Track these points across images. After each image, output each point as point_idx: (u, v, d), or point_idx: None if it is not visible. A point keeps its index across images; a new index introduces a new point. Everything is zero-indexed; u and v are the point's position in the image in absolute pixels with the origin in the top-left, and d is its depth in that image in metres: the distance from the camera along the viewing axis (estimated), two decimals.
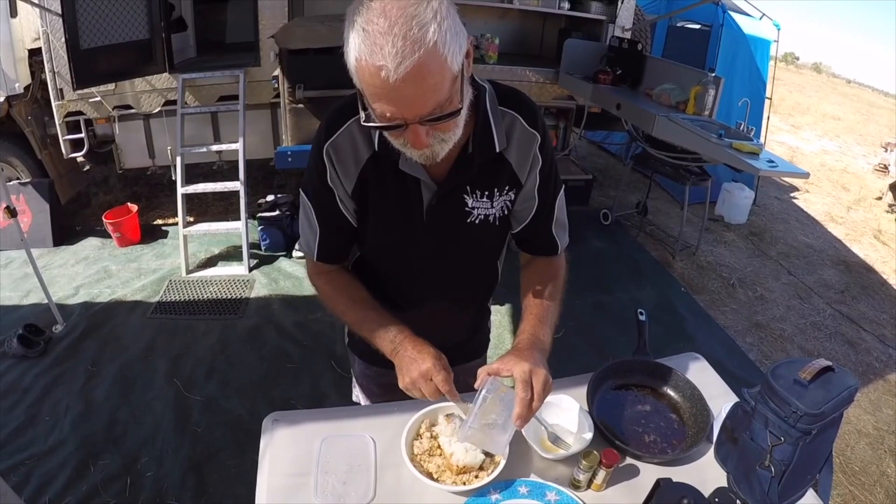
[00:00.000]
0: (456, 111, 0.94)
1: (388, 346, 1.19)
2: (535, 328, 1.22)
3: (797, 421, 1.04)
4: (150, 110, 4.28)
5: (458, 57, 0.90)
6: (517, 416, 1.07)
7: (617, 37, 4.81)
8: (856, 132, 15.35)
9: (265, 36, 4.06)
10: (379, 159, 1.12)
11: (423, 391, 1.13)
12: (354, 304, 1.27)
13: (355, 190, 1.17)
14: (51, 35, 3.83)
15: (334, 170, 1.14)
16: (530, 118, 1.17)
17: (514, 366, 1.10)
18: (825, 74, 54.98)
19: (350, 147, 1.12)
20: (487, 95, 1.12)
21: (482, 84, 1.12)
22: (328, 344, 3.30)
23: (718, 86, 3.82)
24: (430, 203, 1.17)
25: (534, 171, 1.21)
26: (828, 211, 7.14)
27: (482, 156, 1.13)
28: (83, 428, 2.65)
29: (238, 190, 4.05)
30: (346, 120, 1.11)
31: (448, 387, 1.11)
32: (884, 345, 4.11)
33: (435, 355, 1.15)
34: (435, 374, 1.12)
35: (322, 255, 1.28)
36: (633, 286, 4.39)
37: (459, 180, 1.16)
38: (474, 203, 1.19)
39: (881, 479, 2.85)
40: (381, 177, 1.15)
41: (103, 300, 3.62)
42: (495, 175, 1.18)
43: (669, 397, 1.42)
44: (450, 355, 1.50)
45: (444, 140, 0.98)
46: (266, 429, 1.26)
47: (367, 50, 0.84)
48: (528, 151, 1.18)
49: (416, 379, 1.13)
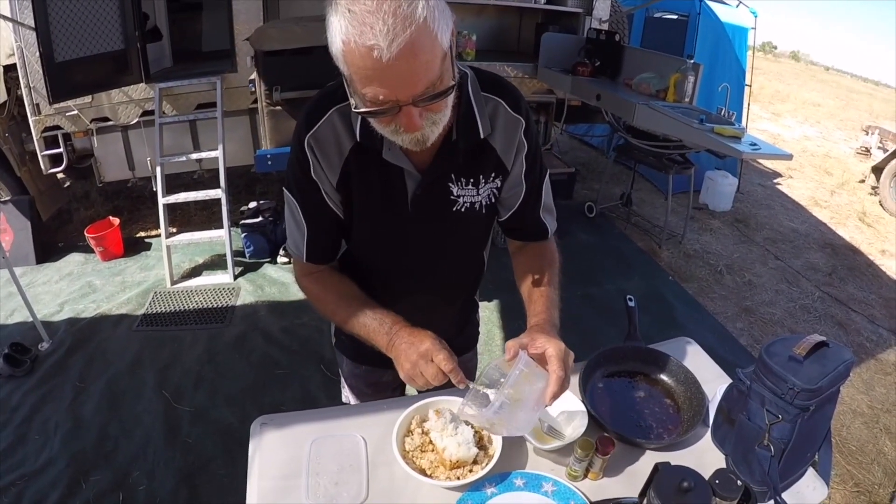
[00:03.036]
0: (448, 89, 0.92)
1: (383, 339, 1.14)
2: (549, 310, 1.20)
3: (794, 397, 1.03)
4: (127, 121, 4.22)
5: (447, 34, 0.89)
6: (552, 395, 1.03)
7: (594, 29, 4.81)
8: (836, 117, 15.52)
9: (240, 41, 4.02)
10: (361, 150, 1.10)
11: (426, 374, 1.05)
12: (345, 302, 1.23)
13: (340, 181, 1.14)
14: (25, 50, 3.75)
15: (317, 162, 1.11)
16: (514, 103, 1.15)
17: (545, 342, 1.07)
18: (804, 62, 55.50)
19: (332, 137, 1.10)
20: (469, 81, 1.11)
21: (464, 70, 1.11)
22: (316, 348, 3.28)
23: (698, 72, 3.83)
24: (415, 192, 1.14)
25: (520, 156, 1.19)
26: (812, 195, 7.20)
27: (466, 142, 1.11)
28: (73, 445, 2.61)
29: (220, 198, 4.01)
30: (327, 110, 1.08)
31: (451, 365, 1.04)
32: (873, 324, 4.14)
33: (433, 336, 1.10)
34: (435, 353, 1.06)
35: (311, 255, 1.24)
36: (621, 277, 4.39)
37: (444, 168, 1.13)
38: (459, 191, 1.17)
39: (878, 457, 2.87)
40: (365, 167, 1.12)
41: (88, 315, 3.57)
42: (480, 162, 1.16)
43: (663, 382, 1.40)
44: None
45: (434, 122, 0.96)
46: (254, 433, 1.23)
47: (356, 31, 0.82)
48: (513, 137, 1.16)
49: (416, 361, 1.06)
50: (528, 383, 1.05)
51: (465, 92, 1.09)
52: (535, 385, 1.05)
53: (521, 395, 1.04)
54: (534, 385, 1.05)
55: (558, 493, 1.10)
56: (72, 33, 3.52)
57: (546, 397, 1.03)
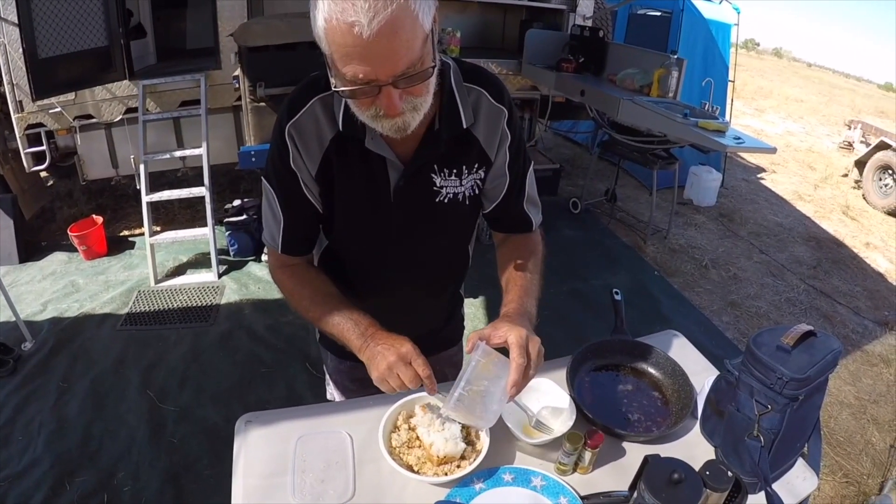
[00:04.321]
0: (429, 70, 0.92)
1: (357, 341, 1.12)
2: (521, 298, 1.19)
3: (783, 387, 1.03)
4: (111, 119, 4.17)
5: (429, 17, 0.89)
6: (512, 384, 1.03)
7: (578, 25, 4.82)
8: (819, 113, 15.69)
9: (225, 38, 3.98)
10: (344, 139, 1.09)
11: (403, 376, 1.04)
12: (320, 299, 1.21)
13: (319, 172, 1.12)
14: (8, 46, 3.69)
15: (297, 151, 1.10)
16: (496, 93, 1.15)
17: (507, 331, 1.06)
18: (786, 59, 56.03)
19: (313, 126, 1.09)
20: (452, 72, 1.10)
21: (446, 61, 1.10)
22: (301, 346, 3.26)
23: (681, 67, 3.85)
24: (398, 183, 1.13)
25: (503, 147, 1.19)
26: (795, 190, 7.26)
27: (449, 132, 1.10)
28: (57, 445, 2.57)
29: (204, 196, 3.97)
30: (309, 99, 1.08)
31: (428, 371, 1.05)
32: (859, 316, 4.19)
33: (411, 341, 1.09)
34: (414, 357, 1.05)
35: (287, 246, 1.23)
36: (607, 272, 4.40)
37: (426, 158, 1.12)
38: (442, 182, 1.16)
39: (866, 447, 2.90)
40: (346, 157, 1.11)
41: (72, 315, 3.52)
42: (463, 152, 1.16)
43: (651, 375, 1.40)
44: (425, 343, 1.46)
45: (415, 108, 0.96)
46: (239, 431, 1.21)
47: (338, 8, 0.82)
48: (496, 127, 1.16)
49: (394, 363, 1.04)
50: (490, 374, 1.06)
51: (447, 82, 1.09)
52: (499, 374, 1.05)
53: (480, 385, 1.05)
54: (498, 374, 1.06)
55: (547, 488, 1.09)
56: (55, 30, 3.48)
57: (508, 387, 1.04)
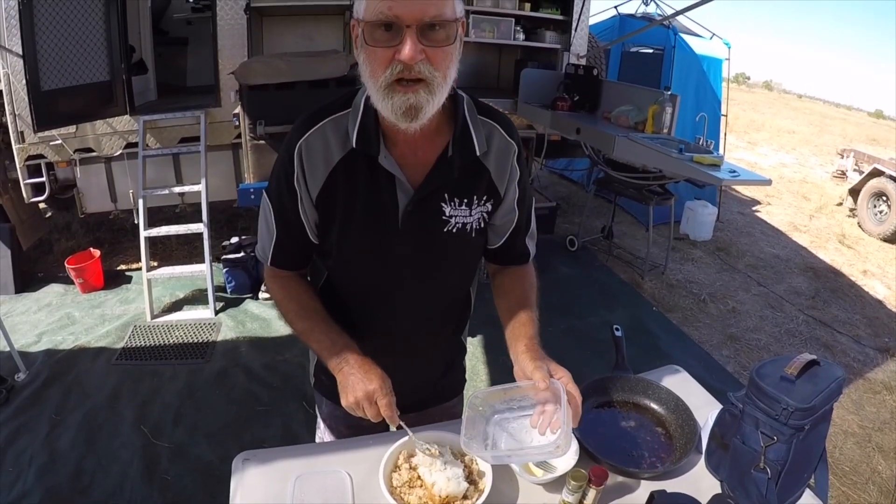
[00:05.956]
0: (452, 34, 0.96)
1: (333, 361, 1.15)
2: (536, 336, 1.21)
3: (789, 417, 1.03)
4: (111, 153, 4.20)
5: (460, 6, 0.97)
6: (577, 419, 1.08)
7: (572, 64, 4.89)
8: (811, 143, 15.89)
9: (225, 76, 4.03)
10: (356, 156, 1.10)
11: (367, 413, 1.09)
12: (305, 314, 1.23)
13: (321, 196, 1.13)
14: (12, 76, 3.75)
15: (302, 171, 1.11)
16: (508, 128, 1.19)
17: (557, 369, 1.12)
18: (776, 91, 56.98)
19: (322, 147, 1.10)
20: (465, 103, 1.13)
21: (461, 94, 1.13)
22: (298, 385, 3.22)
23: (675, 103, 3.89)
24: (406, 208, 1.13)
25: (513, 182, 1.21)
26: (791, 221, 7.31)
27: (463, 158, 1.12)
28: (48, 479, 2.53)
29: (202, 232, 3.97)
30: (321, 119, 1.11)
31: (390, 412, 1.08)
32: (859, 344, 4.19)
33: (381, 376, 1.11)
34: (380, 397, 1.08)
35: (275, 259, 1.24)
36: (604, 309, 4.39)
37: (438, 183, 1.13)
38: (452, 211, 1.16)
39: (873, 476, 2.86)
40: (355, 177, 1.11)
41: (66, 347, 3.50)
42: (474, 182, 1.17)
43: (653, 411, 1.39)
44: (424, 394, 1.45)
45: (430, 89, 0.97)
46: (236, 469, 1.19)
47: None
48: (506, 161, 1.19)
49: (360, 400, 1.09)
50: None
51: (461, 111, 1.12)
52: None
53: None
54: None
55: None
56: (59, 62, 3.52)
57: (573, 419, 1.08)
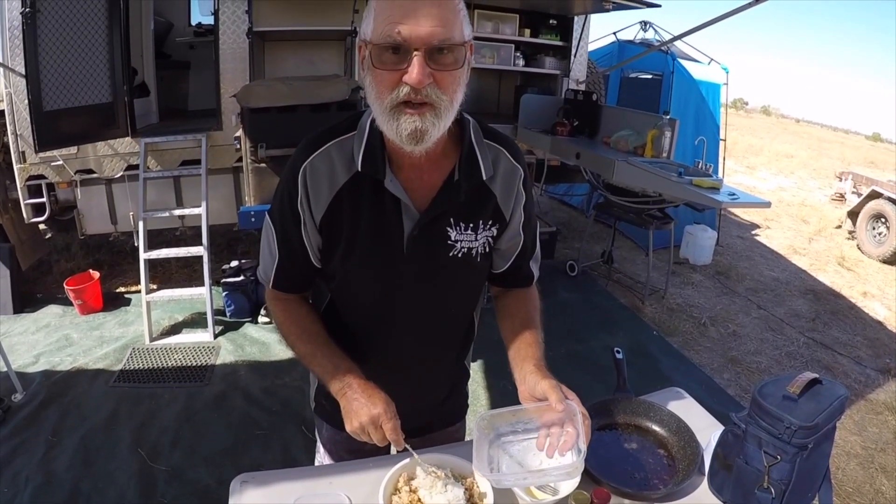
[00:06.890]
0: (459, 59, 0.98)
1: (336, 385, 1.14)
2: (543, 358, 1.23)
3: (792, 436, 1.02)
4: (112, 175, 4.22)
5: (468, 29, 0.99)
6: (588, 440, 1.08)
7: (572, 89, 4.95)
8: (809, 167, 15.97)
9: (227, 99, 4.06)
10: (361, 179, 1.09)
11: (373, 437, 1.08)
12: (307, 337, 1.22)
13: (325, 219, 1.12)
14: (14, 96, 3.78)
15: (306, 193, 1.11)
16: (514, 153, 1.19)
17: (568, 391, 1.14)
18: (774, 116, 57.34)
19: (326, 170, 1.10)
20: (472, 127, 1.14)
21: (467, 117, 1.14)
22: (297, 409, 3.19)
23: (674, 127, 3.92)
24: (412, 232, 1.12)
25: (518, 206, 1.21)
26: (790, 244, 7.31)
27: (469, 182, 1.11)
28: (43, 500, 2.50)
29: (202, 255, 3.98)
30: (327, 141, 1.11)
31: (396, 436, 1.08)
32: (860, 366, 4.18)
33: (385, 400, 1.10)
34: (385, 420, 1.07)
35: (277, 282, 1.24)
36: (605, 333, 4.37)
37: (444, 207, 1.12)
38: (458, 236, 1.16)
39: (876, 497, 2.84)
40: (360, 200, 1.11)
41: (64, 368, 3.48)
42: (480, 206, 1.17)
43: (655, 433, 1.38)
44: (426, 417, 1.44)
45: (436, 112, 0.98)
46: (234, 491, 1.18)
47: None
48: (512, 185, 1.19)
49: (365, 424, 1.08)
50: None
51: (467, 135, 1.12)
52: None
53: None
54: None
55: None
56: (61, 83, 3.54)
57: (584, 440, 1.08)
